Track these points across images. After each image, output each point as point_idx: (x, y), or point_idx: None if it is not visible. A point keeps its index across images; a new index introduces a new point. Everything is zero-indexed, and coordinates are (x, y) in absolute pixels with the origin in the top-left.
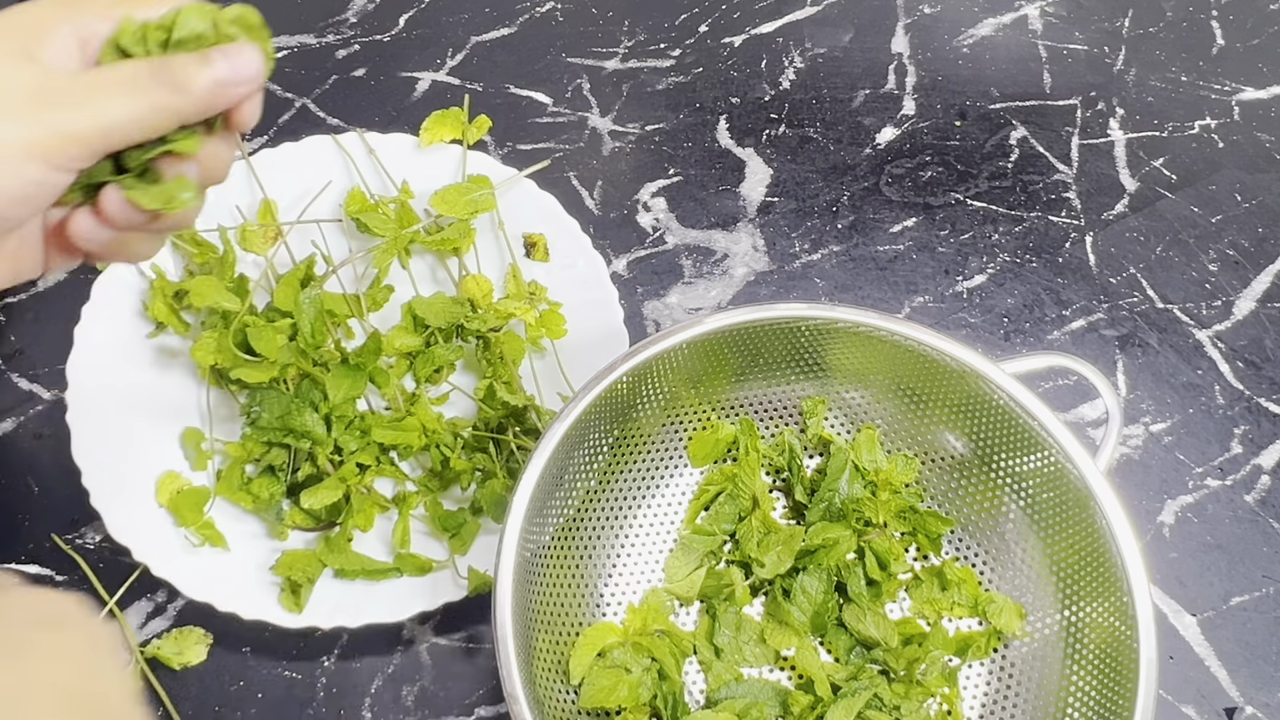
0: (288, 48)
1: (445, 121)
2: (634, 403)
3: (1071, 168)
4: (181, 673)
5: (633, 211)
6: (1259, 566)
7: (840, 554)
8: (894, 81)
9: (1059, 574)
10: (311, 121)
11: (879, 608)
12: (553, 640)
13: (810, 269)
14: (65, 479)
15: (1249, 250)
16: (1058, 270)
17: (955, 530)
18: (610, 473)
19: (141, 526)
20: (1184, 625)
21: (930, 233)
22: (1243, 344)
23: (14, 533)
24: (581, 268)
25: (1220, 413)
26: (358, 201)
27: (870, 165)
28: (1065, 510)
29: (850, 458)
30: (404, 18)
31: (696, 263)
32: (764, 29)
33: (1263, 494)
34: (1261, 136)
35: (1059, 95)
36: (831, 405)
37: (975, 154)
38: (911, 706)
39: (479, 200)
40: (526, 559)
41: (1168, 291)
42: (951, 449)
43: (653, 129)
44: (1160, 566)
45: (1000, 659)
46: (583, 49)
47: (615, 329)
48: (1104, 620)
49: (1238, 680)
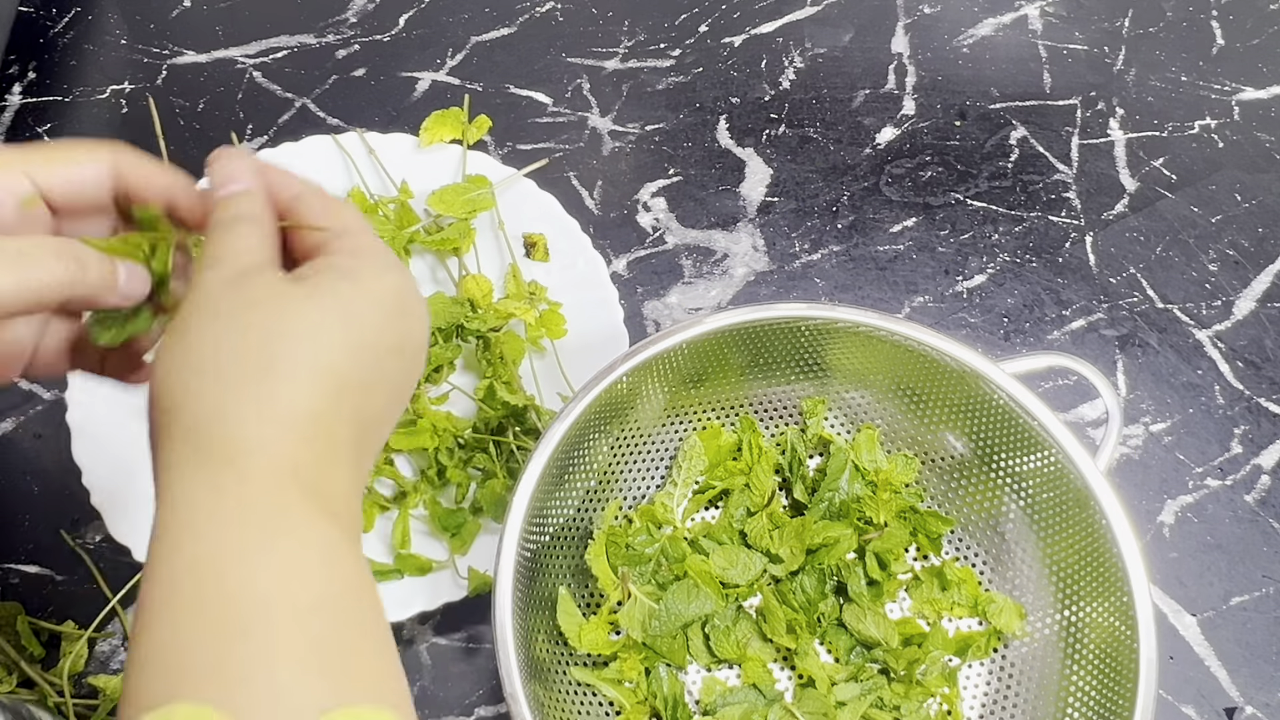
0: (288, 48)
1: (445, 121)
2: (634, 403)
3: (1071, 168)
4: None
5: (633, 211)
6: (1259, 566)
7: (840, 553)
8: (894, 81)
9: (1059, 574)
10: (311, 121)
11: (879, 608)
12: (552, 640)
13: (810, 269)
14: (65, 479)
15: (1249, 250)
16: (1058, 270)
17: (955, 530)
18: (610, 473)
19: (142, 526)
20: (1184, 625)
21: (930, 233)
22: (1243, 344)
23: (14, 533)
24: (581, 268)
25: (1220, 413)
26: (357, 201)
27: (870, 165)
28: (1065, 510)
29: (850, 458)
30: (404, 18)
31: (696, 263)
32: (764, 29)
33: (1263, 494)
34: (1261, 136)
35: (1059, 95)
36: (831, 405)
37: (975, 154)
38: (911, 706)
39: (477, 200)
40: (526, 559)
41: (1168, 291)
42: (951, 449)
43: (653, 129)
44: (1160, 566)
45: (1000, 659)
46: (583, 49)
47: (615, 329)
48: (1104, 620)
49: (1238, 680)
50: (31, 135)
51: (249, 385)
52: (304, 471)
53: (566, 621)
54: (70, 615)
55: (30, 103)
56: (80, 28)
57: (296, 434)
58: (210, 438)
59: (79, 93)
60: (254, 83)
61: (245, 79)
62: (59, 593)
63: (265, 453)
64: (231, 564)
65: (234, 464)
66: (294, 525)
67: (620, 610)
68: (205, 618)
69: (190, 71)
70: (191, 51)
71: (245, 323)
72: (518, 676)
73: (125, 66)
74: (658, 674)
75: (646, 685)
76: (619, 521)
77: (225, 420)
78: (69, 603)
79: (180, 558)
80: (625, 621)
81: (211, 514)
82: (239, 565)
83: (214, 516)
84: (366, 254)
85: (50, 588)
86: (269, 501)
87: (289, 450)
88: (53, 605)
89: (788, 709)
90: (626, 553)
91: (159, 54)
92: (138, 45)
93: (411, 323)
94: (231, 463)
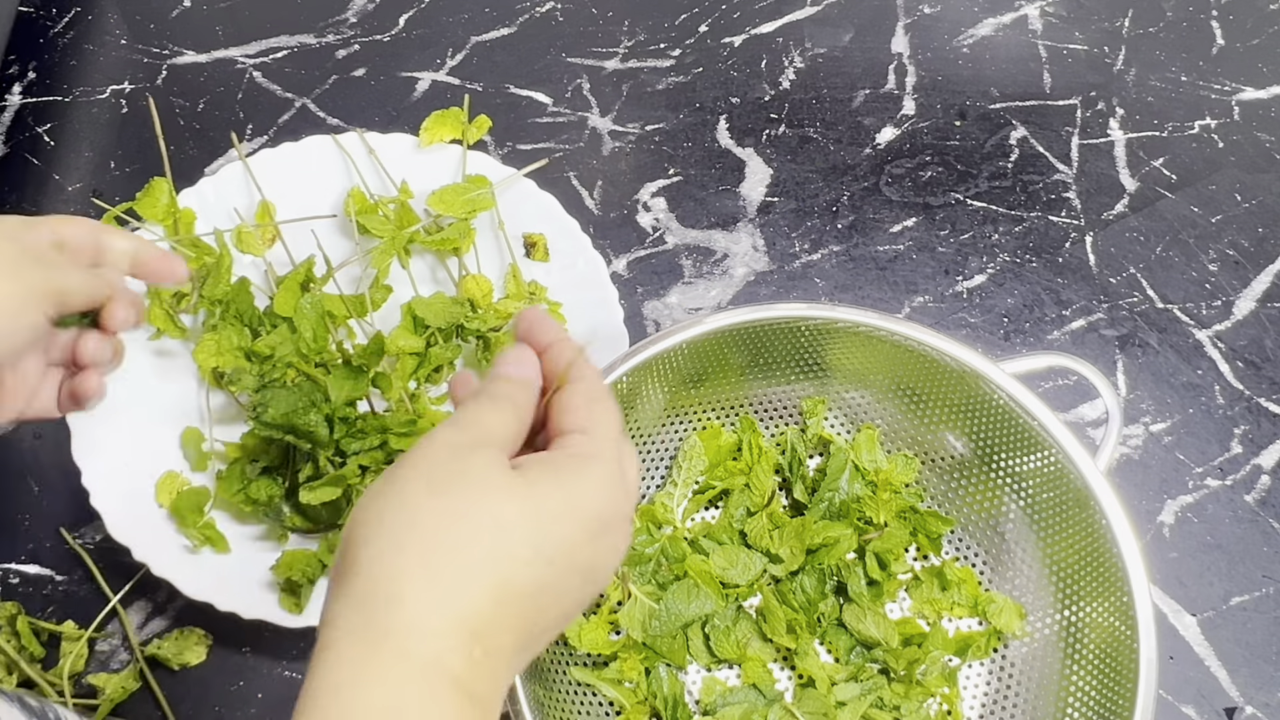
0: (288, 48)
1: (445, 121)
2: (634, 403)
3: (1071, 168)
4: (181, 673)
5: (633, 211)
6: (1259, 566)
7: (840, 553)
8: (894, 81)
9: (1059, 574)
10: (311, 121)
11: (879, 608)
12: (552, 640)
13: (810, 269)
14: (65, 479)
15: (1249, 250)
16: (1058, 270)
17: (955, 530)
18: None
19: (142, 526)
20: (1184, 625)
21: (930, 233)
22: (1243, 344)
23: (14, 533)
24: (581, 268)
25: (1220, 413)
26: (358, 202)
27: (870, 165)
28: (1065, 510)
29: (850, 458)
30: (404, 18)
31: (696, 263)
32: (764, 29)
33: (1263, 494)
34: (1261, 136)
35: (1059, 95)
36: (831, 405)
37: (975, 154)
38: (911, 706)
39: (477, 200)
40: None
41: (1168, 291)
42: (951, 449)
43: (653, 129)
44: (1160, 566)
45: (1000, 659)
46: (583, 49)
47: (615, 329)
48: (1104, 620)
49: (1238, 680)
50: (31, 135)
51: (427, 573)
52: (460, 672)
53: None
54: (70, 615)
55: (30, 103)
56: (80, 28)
57: (462, 635)
58: (378, 611)
59: (79, 93)
60: (254, 83)
61: (245, 79)
62: (59, 593)
63: (428, 644)
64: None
65: (395, 643)
66: (428, 713)
67: (620, 610)
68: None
69: (190, 71)
70: (191, 51)
71: (446, 501)
72: (518, 676)
73: (125, 66)
74: (658, 674)
75: (646, 685)
76: None
77: (400, 601)
78: (69, 603)
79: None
80: (625, 621)
81: (363, 684)
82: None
83: (365, 686)
84: (594, 460)
85: (50, 588)
86: (421, 688)
87: (450, 647)
88: (53, 605)
89: (788, 709)
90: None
91: (159, 54)
92: (138, 45)
93: (609, 545)
94: (393, 641)
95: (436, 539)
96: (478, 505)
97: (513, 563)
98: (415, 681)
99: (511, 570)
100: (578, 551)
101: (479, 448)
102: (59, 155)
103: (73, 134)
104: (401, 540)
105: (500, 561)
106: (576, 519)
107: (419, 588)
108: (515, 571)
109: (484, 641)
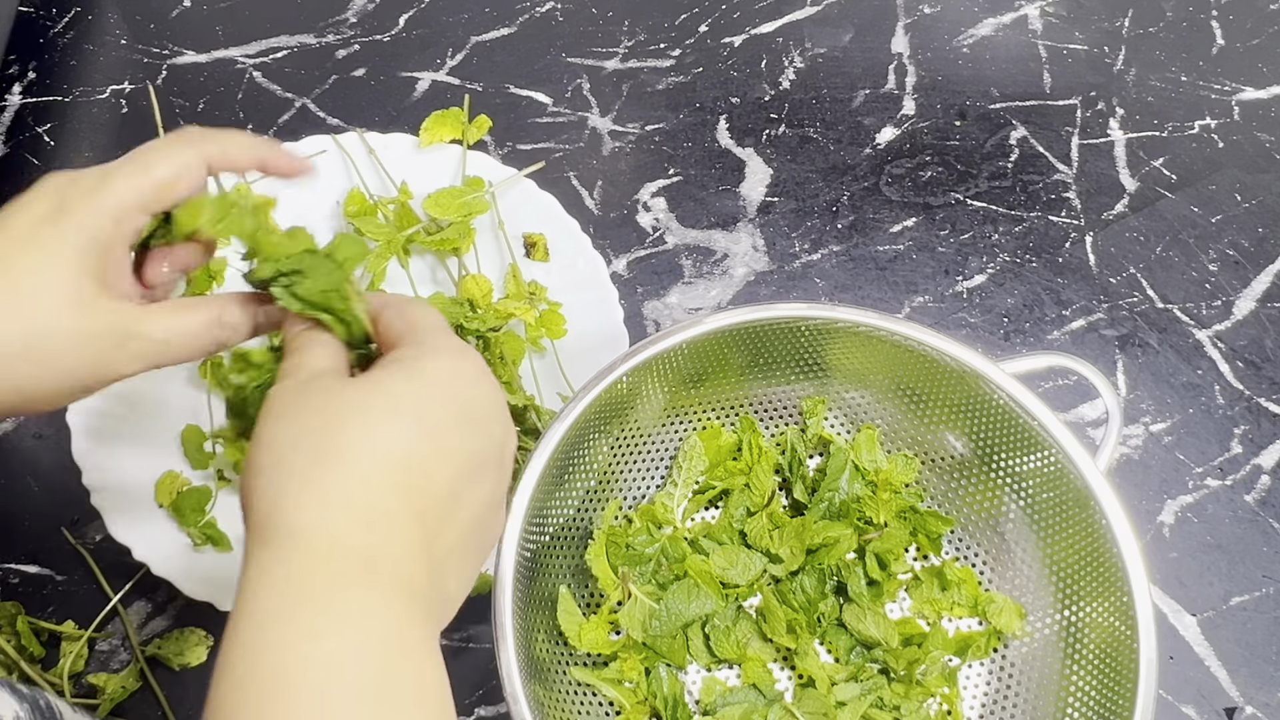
0: (288, 48)
1: (445, 121)
2: (634, 403)
3: (1071, 168)
4: (181, 673)
5: (633, 211)
6: (1259, 566)
7: (840, 553)
8: (894, 81)
9: (1059, 574)
10: (311, 121)
11: (879, 608)
12: (552, 640)
13: (810, 269)
14: (65, 479)
15: (1249, 250)
16: (1058, 270)
17: (955, 530)
18: (610, 473)
19: (142, 526)
20: (1184, 625)
21: (930, 233)
22: (1243, 344)
23: (14, 532)
24: (581, 268)
25: (1220, 413)
26: (357, 202)
27: (870, 165)
28: (1065, 510)
29: (850, 458)
30: (404, 18)
31: (696, 263)
32: (764, 29)
33: (1263, 494)
34: (1261, 136)
35: (1059, 95)
36: (831, 405)
37: (975, 154)
38: (911, 706)
39: (473, 203)
40: (526, 559)
41: (1168, 291)
42: (951, 449)
43: (653, 129)
44: (1160, 566)
45: (1000, 659)
46: (583, 49)
47: (615, 329)
48: (1104, 620)
49: (1238, 680)
50: (31, 135)
51: (303, 474)
52: (360, 549)
53: (567, 621)
54: (70, 615)
55: (30, 103)
56: (80, 28)
57: (349, 515)
58: (271, 527)
59: (79, 93)
60: (254, 83)
61: (245, 79)
62: (59, 593)
63: (319, 533)
64: (284, 645)
65: (288, 545)
66: (350, 599)
67: (620, 610)
68: (255, 700)
69: (190, 71)
70: (191, 51)
71: (304, 419)
72: (518, 676)
73: (125, 66)
74: (658, 674)
75: (646, 685)
76: (619, 521)
77: (282, 509)
78: (69, 603)
79: (237, 640)
80: (625, 621)
81: (267, 594)
82: (289, 647)
83: (269, 595)
84: (427, 343)
85: (50, 588)
86: (323, 577)
87: (342, 529)
88: (53, 605)
89: (788, 709)
90: (627, 553)
91: (159, 54)
92: (138, 45)
93: (472, 396)
94: (286, 545)
95: (306, 448)
96: (336, 410)
97: (386, 438)
98: (316, 578)
99: (383, 443)
100: (441, 408)
101: (315, 378)
102: (59, 155)
103: (73, 134)
104: (277, 463)
105: (371, 442)
106: (428, 384)
107: (301, 492)
108: (387, 443)
109: (378, 517)
